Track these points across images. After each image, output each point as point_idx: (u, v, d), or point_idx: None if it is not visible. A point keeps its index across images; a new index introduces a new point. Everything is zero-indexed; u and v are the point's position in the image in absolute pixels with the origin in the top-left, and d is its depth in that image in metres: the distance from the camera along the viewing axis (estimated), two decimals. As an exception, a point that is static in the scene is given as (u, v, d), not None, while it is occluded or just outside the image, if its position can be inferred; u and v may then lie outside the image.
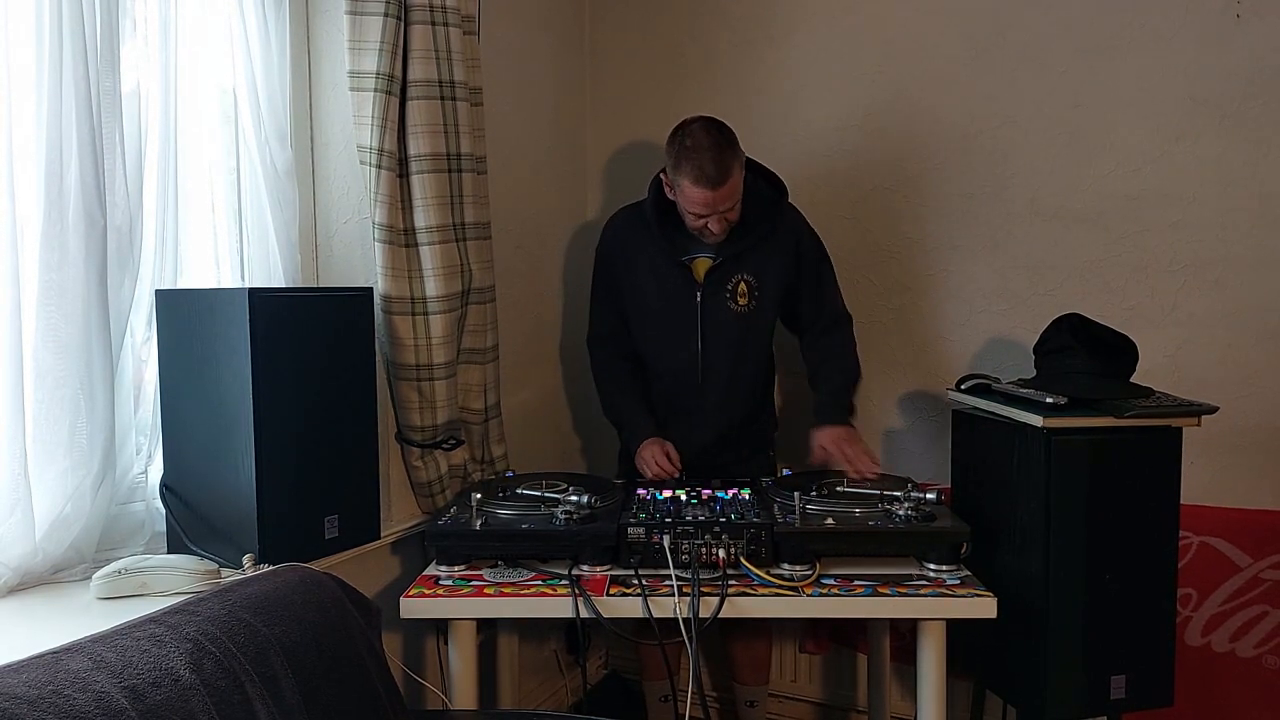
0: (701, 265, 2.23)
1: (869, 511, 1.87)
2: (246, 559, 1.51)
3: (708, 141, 2.02)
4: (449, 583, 1.79)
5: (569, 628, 2.63)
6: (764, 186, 2.25)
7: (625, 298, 2.32)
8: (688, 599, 1.68)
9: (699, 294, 2.22)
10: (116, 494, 1.62)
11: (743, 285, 2.22)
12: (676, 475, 2.19)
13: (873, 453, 2.21)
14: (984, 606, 1.70)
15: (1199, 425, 1.87)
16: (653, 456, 2.21)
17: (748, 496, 1.98)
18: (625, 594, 1.71)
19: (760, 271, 2.23)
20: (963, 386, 2.15)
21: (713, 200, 2.05)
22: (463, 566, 1.86)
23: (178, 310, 1.62)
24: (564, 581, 1.75)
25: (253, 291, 1.53)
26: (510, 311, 2.42)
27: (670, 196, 2.15)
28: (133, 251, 1.60)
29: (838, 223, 2.60)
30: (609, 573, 1.80)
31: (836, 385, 2.27)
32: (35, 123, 1.43)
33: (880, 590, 1.73)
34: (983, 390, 2.10)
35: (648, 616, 1.69)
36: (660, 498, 1.98)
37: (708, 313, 2.23)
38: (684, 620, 1.66)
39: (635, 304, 2.30)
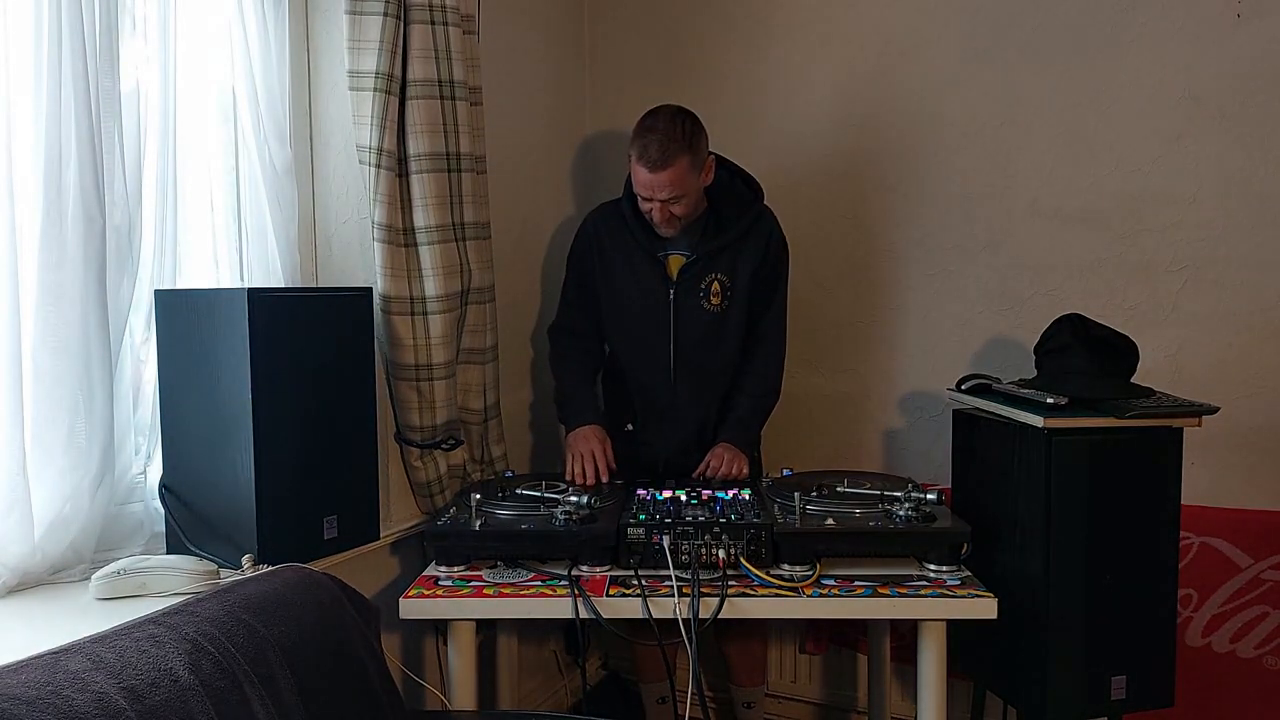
0: (675, 262, 2.23)
1: (869, 512, 1.87)
2: (245, 559, 1.51)
3: (663, 125, 2.04)
4: (448, 583, 1.79)
5: (568, 628, 2.62)
6: (741, 188, 2.25)
7: (600, 292, 2.31)
8: (687, 600, 1.67)
9: (672, 292, 2.22)
10: (115, 494, 1.62)
11: (716, 285, 2.22)
12: (602, 481, 2.13)
13: (742, 468, 2.20)
14: (984, 607, 1.70)
15: (1200, 425, 1.86)
16: (589, 451, 2.15)
17: (748, 497, 1.98)
18: (625, 595, 1.71)
19: (733, 271, 2.22)
20: (963, 387, 2.15)
21: (650, 183, 2.05)
22: (462, 567, 1.85)
23: (177, 310, 1.62)
24: (563, 582, 1.75)
25: (252, 291, 1.52)
26: (510, 311, 2.42)
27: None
28: (132, 251, 1.60)
29: (838, 222, 2.60)
30: (608, 573, 1.80)
31: (746, 411, 2.29)
32: (34, 122, 1.42)
33: (880, 591, 1.73)
34: (983, 390, 2.09)
35: (647, 617, 1.68)
36: (660, 498, 1.97)
37: (681, 311, 2.22)
38: (684, 621, 1.65)
39: (609, 299, 2.30)
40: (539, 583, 1.77)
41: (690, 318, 2.23)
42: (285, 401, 1.59)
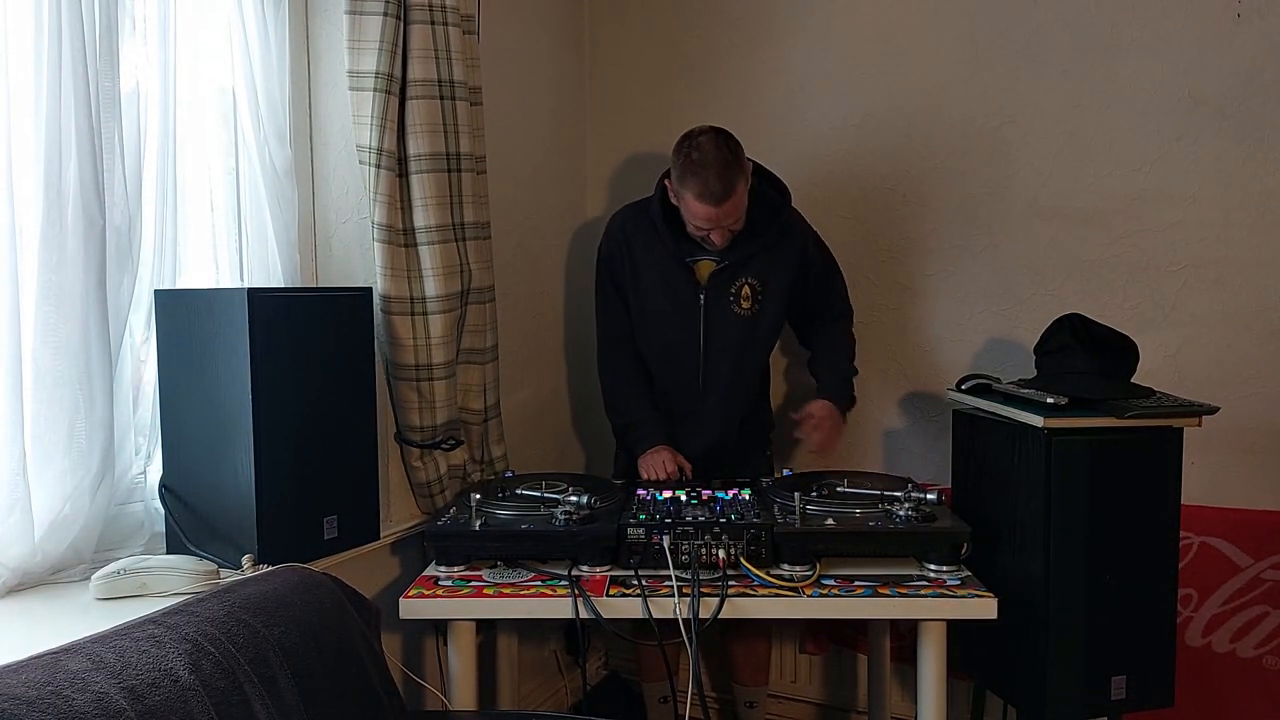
0: (705, 268, 2.23)
1: (869, 512, 1.86)
2: (245, 559, 1.51)
3: (714, 157, 2.00)
4: (448, 583, 1.79)
5: (569, 628, 2.62)
6: (768, 190, 2.24)
7: (629, 296, 2.31)
8: (688, 599, 1.67)
9: (702, 297, 2.22)
10: (115, 494, 1.62)
11: (746, 289, 2.22)
12: (684, 472, 2.21)
13: (840, 440, 2.27)
14: (984, 607, 1.70)
15: (1200, 425, 1.86)
16: (662, 462, 2.21)
17: (748, 497, 1.98)
18: (625, 595, 1.71)
19: (764, 276, 2.22)
20: (963, 386, 2.15)
21: (716, 216, 2.04)
22: (462, 567, 1.85)
23: (177, 310, 1.62)
24: (564, 582, 1.75)
25: (252, 291, 1.52)
26: (510, 311, 2.42)
27: (674, 202, 2.15)
28: (132, 252, 1.60)
29: (838, 222, 2.60)
30: (609, 573, 1.80)
31: (844, 373, 2.31)
32: (34, 123, 1.42)
33: (881, 591, 1.73)
34: (983, 390, 2.09)
35: (648, 617, 1.68)
36: (660, 498, 1.97)
37: (711, 316, 2.22)
38: (684, 621, 1.65)
39: (638, 304, 2.30)
40: (539, 583, 1.77)
41: (721, 323, 2.23)
42: (285, 401, 1.58)
